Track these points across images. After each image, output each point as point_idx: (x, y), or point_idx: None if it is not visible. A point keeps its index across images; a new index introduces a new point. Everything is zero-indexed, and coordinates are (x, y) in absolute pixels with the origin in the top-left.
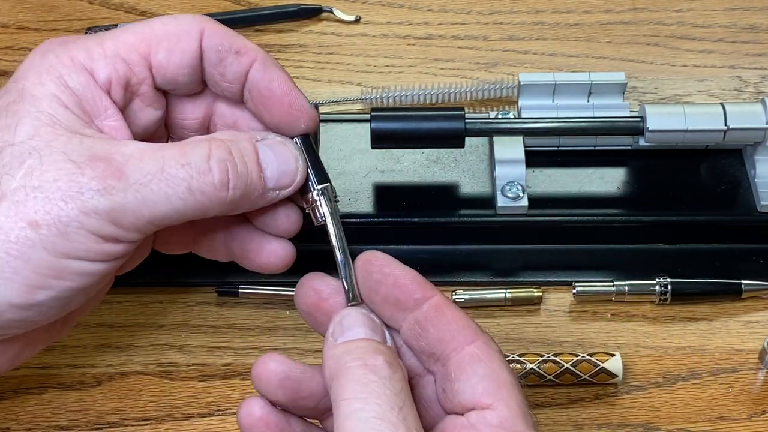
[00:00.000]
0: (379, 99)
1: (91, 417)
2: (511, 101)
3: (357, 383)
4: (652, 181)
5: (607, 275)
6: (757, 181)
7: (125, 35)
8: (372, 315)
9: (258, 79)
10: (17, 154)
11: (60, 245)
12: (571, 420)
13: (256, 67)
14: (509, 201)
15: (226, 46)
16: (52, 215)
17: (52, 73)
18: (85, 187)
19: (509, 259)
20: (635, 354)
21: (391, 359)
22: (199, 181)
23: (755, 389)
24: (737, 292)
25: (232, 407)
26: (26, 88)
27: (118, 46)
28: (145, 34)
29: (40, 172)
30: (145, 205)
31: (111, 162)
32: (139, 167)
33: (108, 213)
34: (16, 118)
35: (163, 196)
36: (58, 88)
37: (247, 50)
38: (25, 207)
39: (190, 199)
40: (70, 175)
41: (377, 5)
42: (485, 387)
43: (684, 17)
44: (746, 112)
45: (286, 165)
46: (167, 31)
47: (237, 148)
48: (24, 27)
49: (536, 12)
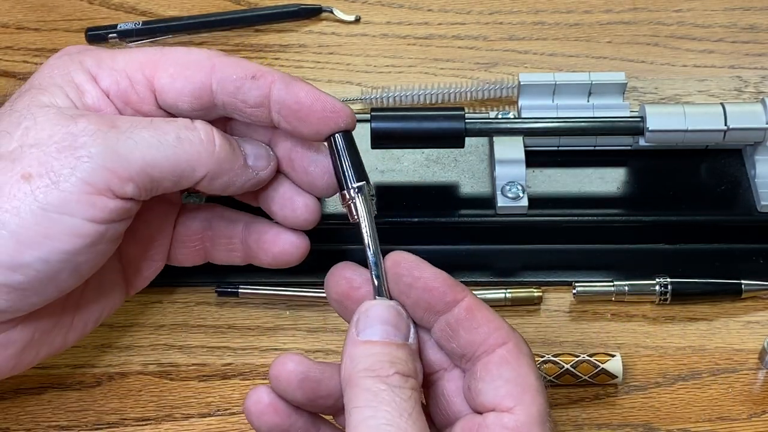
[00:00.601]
0: (379, 99)
1: (91, 417)
2: (511, 101)
3: (368, 392)
4: (652, 181)
5: (607, 275)
6: (757, 181)
7: (138, 55)
8: (398, 308)
9: (283, 97)
10: (15, 118)
11: (51, 195)
12: (571, 420)
13: (278, 87)
14: (509, 201)
15: (240, 73)
16: (45, 166)
17: (61, 69)
18: (79, 133)
19: (509, 259)
20: (635, 354)
21: (404, 369)
22: (186, 134)
23: (755, 389)
24: (737, 292)
25: (232, 407)
26: (36, 80)
27: (127, 62)
28: (155, 57)
29: (35, 131)
30: (138, 149)
31: (104, 117)
32: (129, 120)
33: (101, 156)
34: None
35: (155, 143)
36: (64, 81)
37: (263, 73)
38: (21, 162)
39: (179, 148)
40: (64, 128)
41: (377, 5)
42: (508, 390)
43: (684, 17)
44: (746, 112)
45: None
46: (177, 58)
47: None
48: (24, 27)
49: (536, 12)
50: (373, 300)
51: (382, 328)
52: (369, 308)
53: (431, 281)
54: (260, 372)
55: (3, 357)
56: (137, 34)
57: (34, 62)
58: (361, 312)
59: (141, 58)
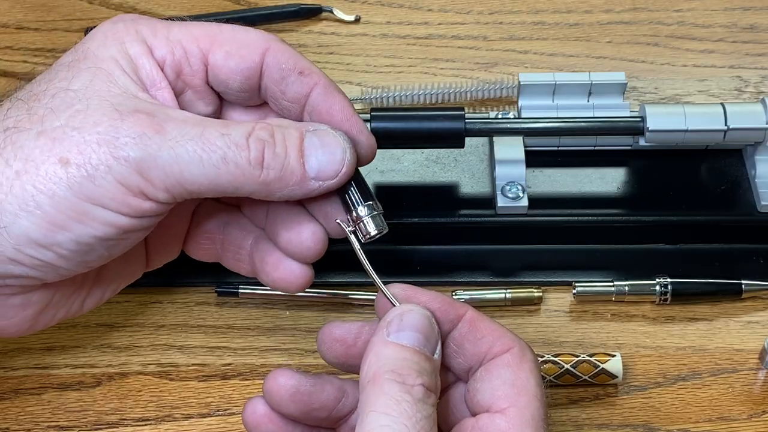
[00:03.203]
0: (379, 99)
1: (91, 417)
2: (511, 101)
3: (391, 399)
4: (652, 181)
5: (607, 275)
6: (757, 181)
7: (194, 28)
8: (432, 320)
9: (319, 103)
10: (68, 99)
11: (86, 187)
12: (572, 420)
13: (318, 91)
14: (509, 201)
15: (290, 64)
16: (83, 155)
17: (116, 39)
18: (122, 133)
19: (509, 259)
20: (635, 354)
21: (429, 383)
22: (235, 154)
23: (755, 389)
24: (737, 292)
25: (232, 407)
26: (90, 48)
27: (182, 34)
28: (213, 32)
29: (84, 116)
30: (177, 163)
31: (153, 116)
32: (179, 127)
33: (138, 162)
34: (75, 71)
35: (197, 159)
36: (119, 53)
37: (311, 72)
38: (61, 144)
39: (223, 169)
40: (111, 121)
41: (377, 5)
42: (505, 392)
43: (684, 17)
44: (746, 112)
45: (332, 155)
46: (234, 37)
47: (281, 132)
48: (24, 27)
49: (536, 12)
50: (410, 305)
51: (414, 334)
52: (404, 313)
53: (431, 303)
54: (260, 372)
55: (22, 317)
56: None
57: (34, 62)
58: (396, 315)
59: (197, 31)
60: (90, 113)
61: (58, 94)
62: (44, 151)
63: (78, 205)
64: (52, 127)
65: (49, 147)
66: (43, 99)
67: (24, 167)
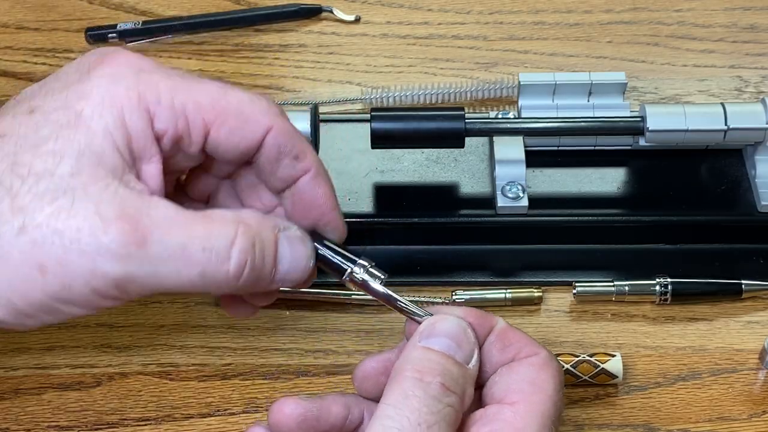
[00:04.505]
0: (379, 99)
1: (91, 417)
2: (511, 101)
3: (402, 392)
4: (652, 181)
5: (607, 275)
6: (757, 181)
7: (199, 94)
8: (467, 328)
9: (306, 190)
10: (53, 188)
11: (60, 293)
12: (572, 420)
13: (307, 178)
14: (509, 201)
15: (288, 148)
16: (63, 267)
17: (115, 106)
18: (104, 248)
19: (509, 259)
20: (635, 354)
21: (451, 384)
22: (215, 269)
23: (755, 389)
24: (737, 292)
25: (232, 407)
26: (84, 114)
27: (188, 102)
28: (219, 104)
29: (67, 216)
30: (155, 278)
31: (137, 226)
32: (162, 241)
33: (117, 280)
34: (65, 147)
35: (175, 275)
36: (115, 125)
37: (305, 156)
38: (41, 249)
39: (199, 283)
40: (94, 230)
41: (377, 5)
42: (520, 387)
43: (684, 17)
44: (746, 112)
45: (299, 263)
46: (240, 110)
47: (260, 240)
48: (24, 27)
49: (536, 12)
50: (445, 315)
51: (444, 340)
52: (437, 321)
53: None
54: (260, 372)
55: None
56: (137, 33)
57: (34, 62)
58: (429, 323)
59: (203, 99)
60: (73, 214)
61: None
62: (24, 253)
63: (50, 305)
64: (34, 223)
65: (28, 249)
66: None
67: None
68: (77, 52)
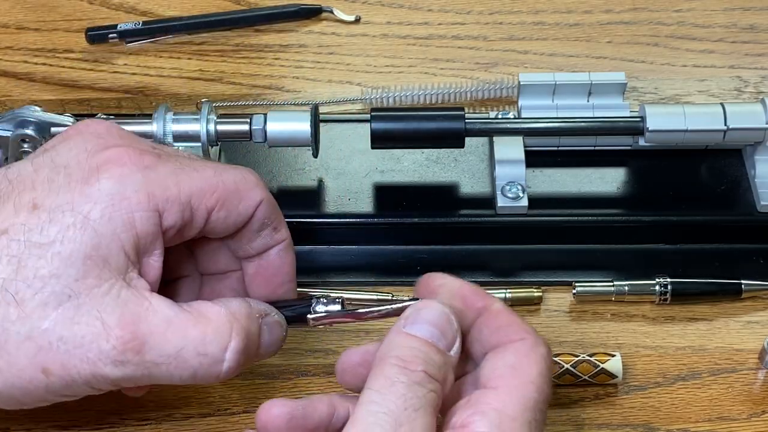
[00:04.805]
0: (379, 99)
1: (91, 417)
2: (511, 101)
3: (387, 379)
4: (652, 181)
5: (607, 275)
6: (757, 181)
7: (200, 181)
8: (451, 316)
9: (275, 258)
10: (58, 291)
11: (61, 391)
12: (571, 420)
13: (281, 247)
14: (509, 201)
15: (271, 220)
16: (66, 370)
17: (124, 209)
18: (105, 354)
19: (509, 259)
20: (635, 354)
21: (434, 372)
22: (207, 371)
23: (755, 389)
24: (737, 292)
25: (232, 407)
26: (92, 217)
27: (192, 191)
28: (218, 186)
29: (71, 323)
30: (149, 378)
31: (136, 333)
32: (158, 346)
33: (114, 380)
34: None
35: (168, 376)
36: (124, 227)
37: (281, 228)
38: (46, 355)
39: (189, 381)
40: (96, 336)
41: (377, 5)
42: (503, 372)
43: (684, 17)
44: (746, 112)
45: (275, 345)
46: (237, 188)
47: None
48: (24, 27)
49: (536, 12)
50: (430, 301)
51: (428, 327)
52: (422, 308)
53: (462, 289)
54: (260, 372)
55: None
56: (137, 34)
57: (34, 62)
58: (413, 309)
59: (206, 186)
60: (77, 320)
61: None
62: (29, 357)
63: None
64: (40, 329)
65: (34, 354)
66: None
67: (7, 366)
68: (77, 52)
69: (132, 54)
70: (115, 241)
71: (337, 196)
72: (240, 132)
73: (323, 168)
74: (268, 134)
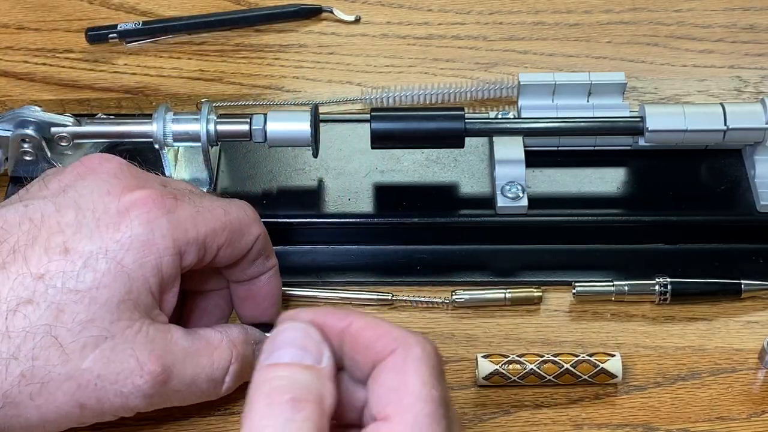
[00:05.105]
0: (379, 99)
1: None
2: (511, 101)
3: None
4: (652, 181)
5: (607, 275)
6: (756, 181)
7: (212, 221)
8: (309, 329)
9: (264, 283)
10: (96, 334)
11: (89, 421)
12: (571, 420)
13: (271, 273)
14: (509, 201)
15: (265, 250)
16: (100, 404)
17: (152, 255)
18: (137, 388)
19: (509, 259)
20: (635, 354)
21: (302, 393)
22: (210, 393)
23: (755, 389)
24: (737, 292)
25: (232, 407)
26: (125, 264)
27: (207, 232)
28: (226, 225)
29: (108, 362)
30: (164, 404)
31: (165, 367)
32: (179, 376)
33: (139, 409)
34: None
35: (180, 400)
36: (152, 272)
37: (271, 256)
38: (84, 392)
39: (195, 401)
40: (131, 372)
41: (377, 5)
42: (388, 398)
43: (684, 17)
44: (746, 112)
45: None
46: (239, 227)
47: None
48: (24, 27)
49: (536, 12)
50: (282, 326)
51: (286, 350)
52: (276, 336)
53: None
54: None
55: None
56: (137, 34)
57: (34, 62)
58: (270, 340)
59: (216, 225)
60: (113, 359)
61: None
62: (67, 395)
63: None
64: (80, 369)
65: (73, 391)
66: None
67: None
68: (77, 52)
69: (132, 54)
70: (145, 284)
71: (337, 196)
72: (240, 132)
73: (323, 168)
74: (268, 134)
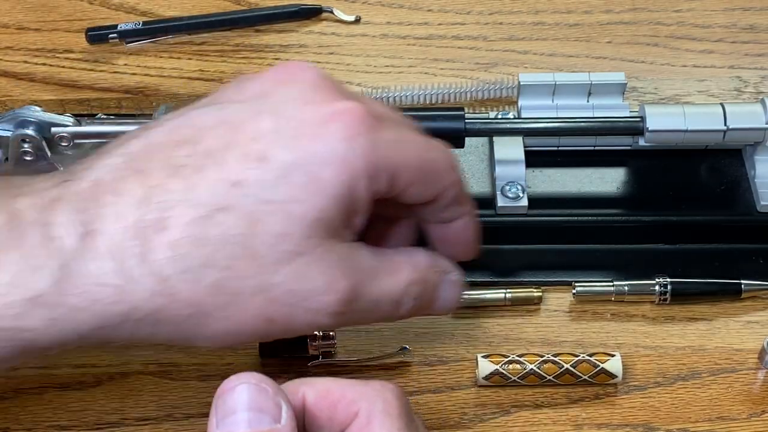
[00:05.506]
0: (379, 99)
1: (92, 417)
2: (511, 101)
3: None
4: (652, 181)
5: (607, 275)
6: (757, 181)
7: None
8: (262, 385)
9: (459, 228)
10: (290, 249)
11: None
12: (571, 420)
13: (466, 218)
14: (509, 201)
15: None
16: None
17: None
18: (326, 306)
19: (509, 259)
20: (635, 354)
21: None
22: (388, 315)
23: (755, 389)
24: (737, 292)
25: None
26: (324, 179)
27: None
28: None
29: (299, 277)
30: (347, 324)
31: (354, 285)
32: (366, 296)
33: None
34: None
35: (362, 321)
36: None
37: (467, 201)
38: (274, 306)
39: (375, 321)
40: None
41: (377, 5)
42: None
43: (684, 17)
44: (746, 113)
45: (450, 304)
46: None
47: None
48: (24, 27)
49: (536, 12)
50: (231, 382)
51: (240, 414)
52: (227, 393)
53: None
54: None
55: None
56: (137, 34)
57: (34, 63)
58: (219, 397)
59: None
60: (305, 275)
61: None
62: (258, 308)
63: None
64: (272, 283)
65: (264, 305)
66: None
67: (235, 315)
68: (77, 53)
69: (132, 54)
70: (339, 203)
71: None
72: None
73: None
74: None
